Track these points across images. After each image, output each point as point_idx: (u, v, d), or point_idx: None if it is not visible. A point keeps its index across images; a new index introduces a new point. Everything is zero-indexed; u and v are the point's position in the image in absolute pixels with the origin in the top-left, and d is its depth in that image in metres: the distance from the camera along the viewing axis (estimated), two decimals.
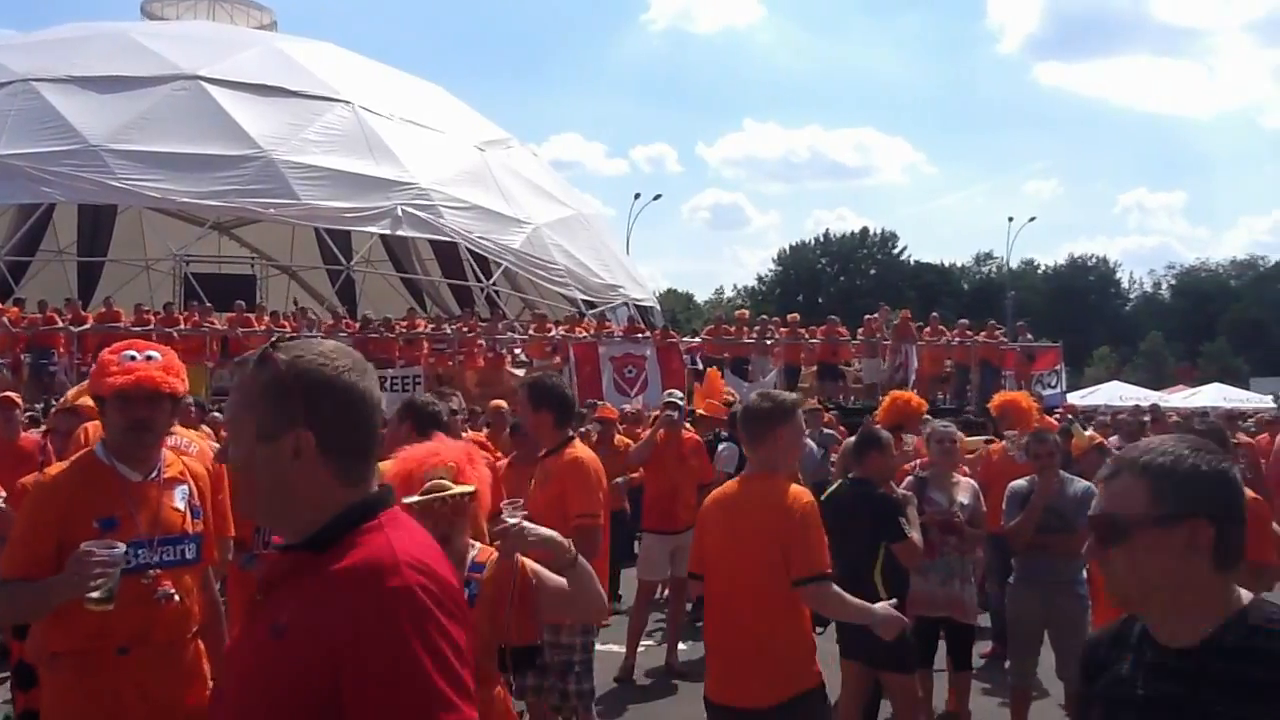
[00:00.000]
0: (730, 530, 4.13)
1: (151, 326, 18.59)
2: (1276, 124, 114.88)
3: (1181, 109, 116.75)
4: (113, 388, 3.28)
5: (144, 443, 3.38)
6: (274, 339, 1.87)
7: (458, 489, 3.15)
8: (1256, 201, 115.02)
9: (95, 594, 3.02)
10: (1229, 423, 14.26)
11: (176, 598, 3.35)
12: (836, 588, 3.99)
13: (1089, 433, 9.71)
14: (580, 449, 5.25)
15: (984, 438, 8.76)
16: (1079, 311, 65.75)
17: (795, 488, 4.11)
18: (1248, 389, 37.22)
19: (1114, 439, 10.64)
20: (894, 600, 4.29)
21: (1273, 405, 27.08)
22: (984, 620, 7.91)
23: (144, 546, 3.29)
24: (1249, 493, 4.89)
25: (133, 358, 3.33)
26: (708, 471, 8.71)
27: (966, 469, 7.47)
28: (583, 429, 11.63)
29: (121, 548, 3.08)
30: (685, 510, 8.44)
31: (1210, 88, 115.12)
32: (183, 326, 18.57)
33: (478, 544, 3.38)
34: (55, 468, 3.47)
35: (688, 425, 9.71)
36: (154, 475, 3.41)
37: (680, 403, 9.07)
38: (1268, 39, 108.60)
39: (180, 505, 3.45)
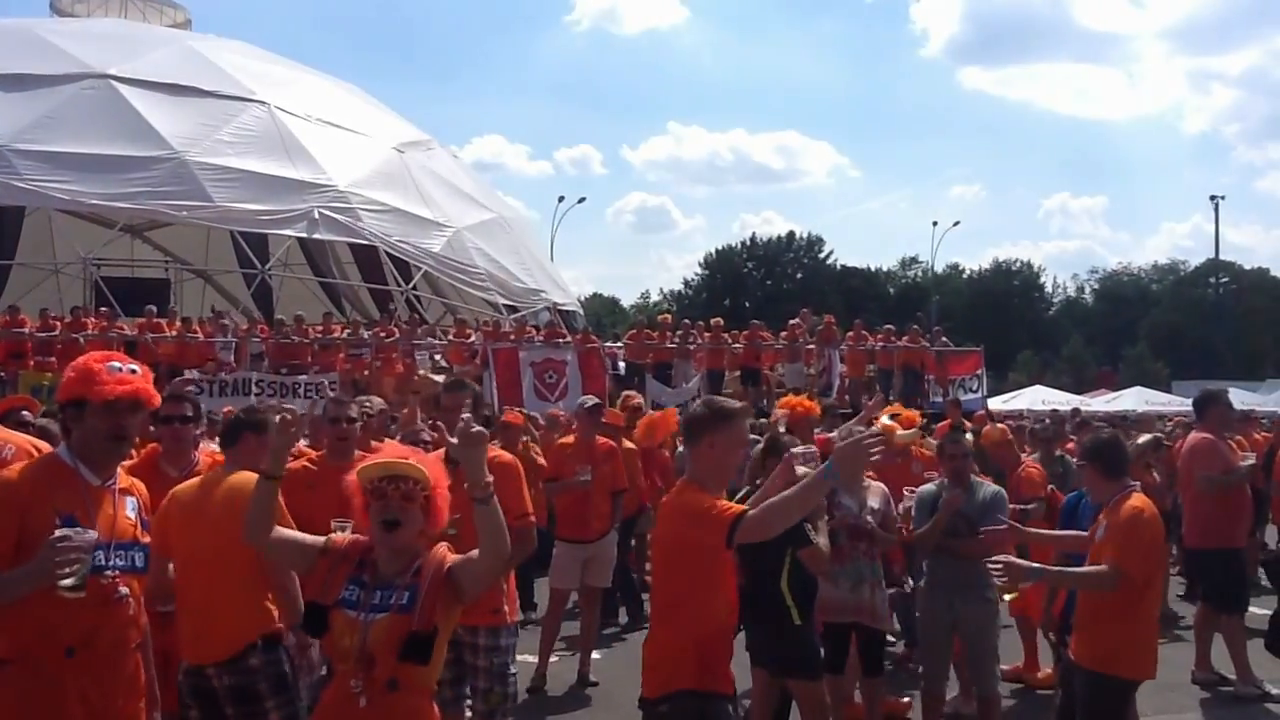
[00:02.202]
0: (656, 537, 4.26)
1: (57, 332, 18.07)
2: (1195, 129, 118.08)
3: (1103, 114, 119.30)
4: (108, 396, 3.41)
5: (121, 450, 3.56)
6: None
7: (410, 474, 3.32)
8: (1177, 206, 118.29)
9: (69, 580, 3.10)
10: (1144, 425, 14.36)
11: (131, 600, 3.46)
12: (771, 504, 3.79)
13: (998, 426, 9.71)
14: (502, 451, 5.13)
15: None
16: (1003, 316, 66.73)
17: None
18: (1169, 393, 37.99)
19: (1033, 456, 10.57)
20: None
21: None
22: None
23: (101, 548, 3.34)
24: (1138, 504, 4.89)
25: (118, 369, 3.48)
26: (620, 479, 8.58)
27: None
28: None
29: (94, 534, 3.20)
30: (598, 519, 8.33)
31: (1130, 93, 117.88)
32: (90, 332, 18.00)
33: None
34: (16, 465, 3.60)
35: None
36: (111, 482, 3.53)
37: (598, 406, 8.91)
38: (1184, 45, 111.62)
39: (131, 515, 3.56)
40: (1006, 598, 5.09)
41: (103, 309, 19.96)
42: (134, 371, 3.51)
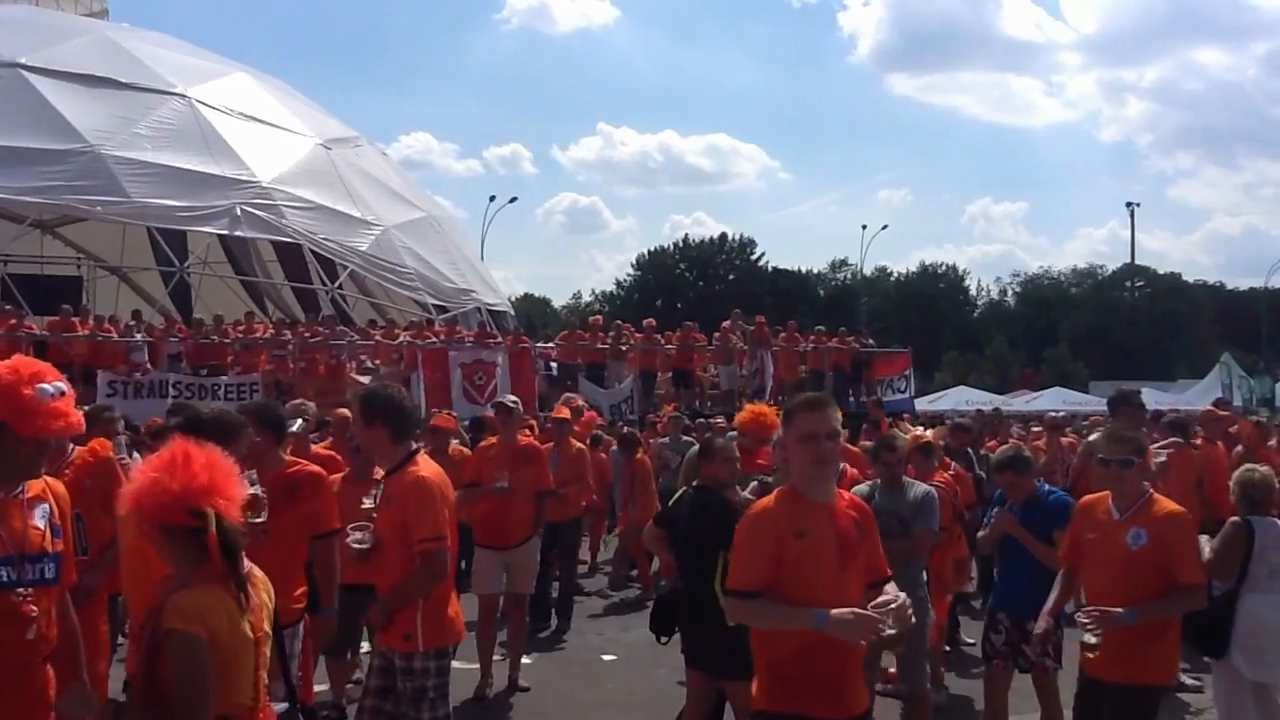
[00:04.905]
0: None
1: None
2: (1110, 138, 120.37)
3: (1024, 122, 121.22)
4: (43, 434, 3.25)
5: (37, 473, 3.41)
6: None
7: None
8: (1094, 212, 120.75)
9: None
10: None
11: (40, 617, 3.29)
12: (756, 603, 3.50)
13: (914, 431, 9.72)
14: (424, 466, 4.74)
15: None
16: (930, 318, 67.74)
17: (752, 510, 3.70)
18: (1087, 393, 38.75)
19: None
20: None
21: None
22: None
23: (9, 564, 3.23)
24: (1172, 506, 4.66)
25: (49, 394, 3.23)
26: (544, 480, 8.30)
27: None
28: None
29: None
30: (519, 524, 8.00)
31: (1050, 102, 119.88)
32: None
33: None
34: None
35: (527, 430, 9.35)
36: (17, 493, 3.34)
37: (514, 405, 8.55)
38: (1099, 57, 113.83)
39: (40, 524, 3.38)
40: (1092, 655, 4.57)
41: (8, 307, 19.23)
42: (62, 393, 3.26)
